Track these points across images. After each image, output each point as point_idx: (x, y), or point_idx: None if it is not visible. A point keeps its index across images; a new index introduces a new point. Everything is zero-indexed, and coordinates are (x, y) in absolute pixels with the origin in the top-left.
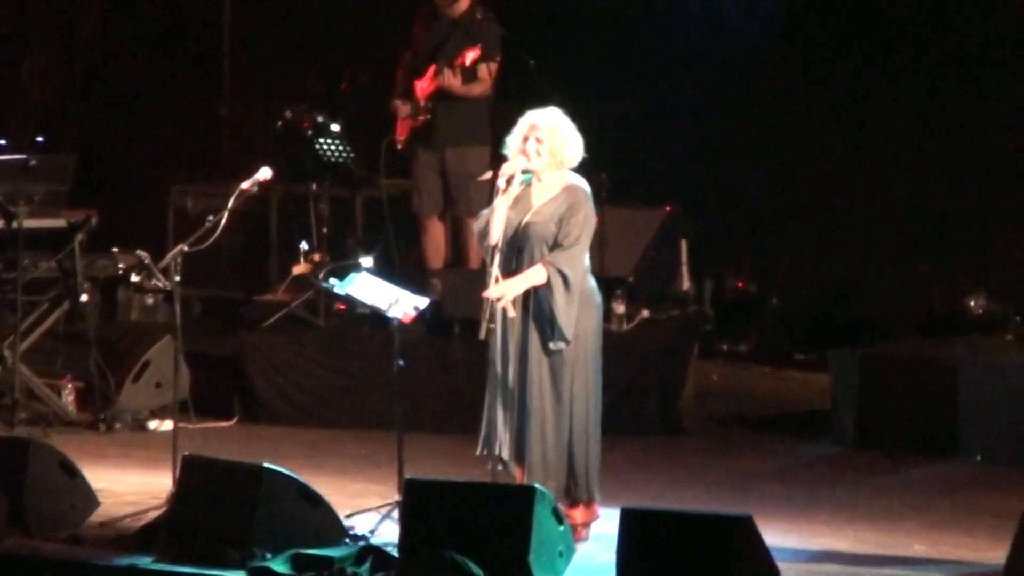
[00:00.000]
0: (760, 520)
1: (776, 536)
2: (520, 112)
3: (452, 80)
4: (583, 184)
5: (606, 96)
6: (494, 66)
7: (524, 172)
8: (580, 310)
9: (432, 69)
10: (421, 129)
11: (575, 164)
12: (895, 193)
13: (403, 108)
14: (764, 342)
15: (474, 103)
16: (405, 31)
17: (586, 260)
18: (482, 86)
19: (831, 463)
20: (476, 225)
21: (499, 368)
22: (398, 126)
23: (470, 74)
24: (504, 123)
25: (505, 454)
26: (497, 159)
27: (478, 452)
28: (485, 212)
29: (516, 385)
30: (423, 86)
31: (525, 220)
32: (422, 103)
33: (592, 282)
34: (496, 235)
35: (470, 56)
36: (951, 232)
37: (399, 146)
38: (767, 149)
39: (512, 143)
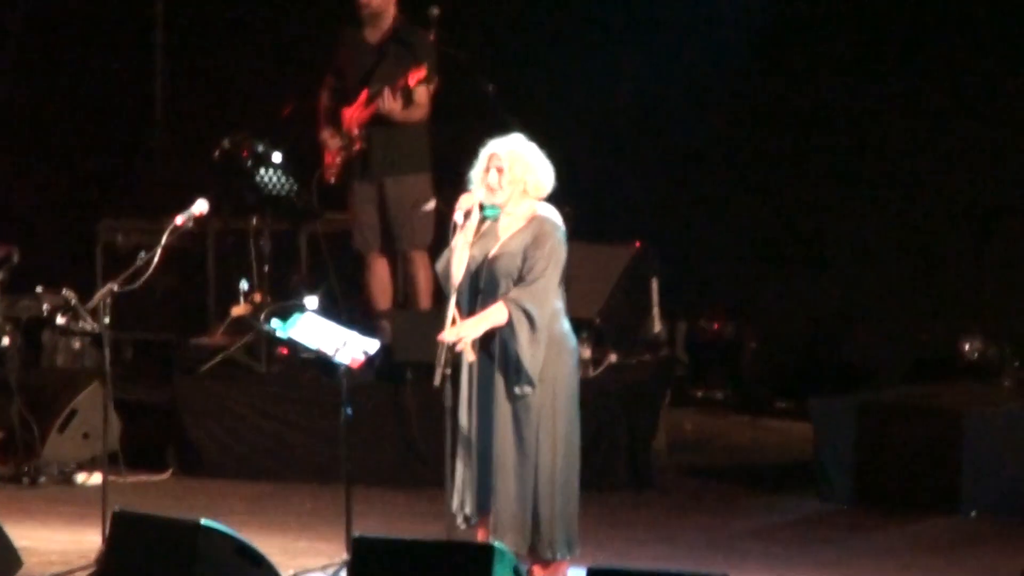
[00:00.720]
0: None
1: None
2: (475, 140)
3: (392, 104)
4: (552, 215)
5: (571, 125)
6: (432, 88)
7: (491, 207)
8: (549, 353)
9: (364, 95)
10: (355, 160)
11: (543, 193)
12: (883, 229)
13: (332, 140)
14: (742, 389)
15: (413, 129)
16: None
17: (558, 302)
18: (422, 110)
19: (814, 519)
20: (438, 265)
21: (462, 416)
22: (327, 157)
23: (410, 97)
24: (452, 150)
25: (468, 509)
26: (442, 188)
27: (454, 507)
28: (446, 252)
29: (477, 434)
30: (353, 113)
31: (490, 254)
32: (354, 132)
33: (565, 324)
34: (458, 276)
35: (414, 77)
36: (943, 270)
37: (331, 179)
38: (746, 182)
39: (475, 176)
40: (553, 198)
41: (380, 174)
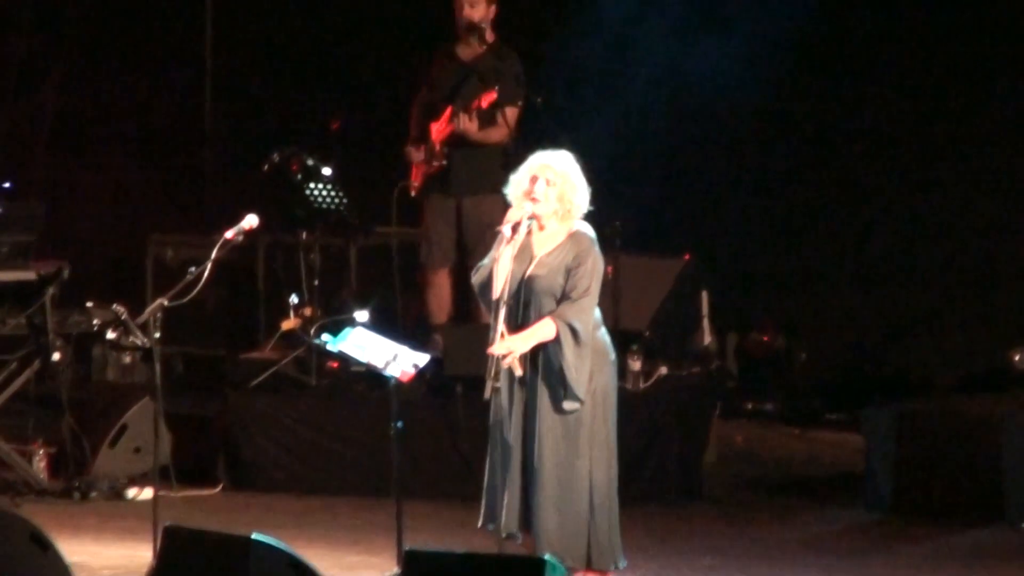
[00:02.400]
0: None
1: None
2: (529, 155)
3: (468, 124)
4: (587, 230)
5: (621, 138)
6: (515, 110)
7: (529, 218)
8: (593, 366)
9: (448, 112)
10: (436, 176)
11: (581, 215)
12: (933, 241)
13: (416, 154)
14: (792, 401)
15: (491, 149)
16: (402, 66)
17: (597, 313)
18: (501, 132)
19: (865, 531)
20: (475, 278)
21: (505, 431)
22: (413, 171)
23: (487, 118)
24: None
25: (512, 525)
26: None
27: (480, 524)
28: (484, 264)
29: (521, 449)
30: (439, 129)
31: (529, 272)
32: (437, 148)
33: (605, 336)
34: (500, 288)
35: (487, 100)
36: (993, 282)
37: (413, 192)
38: (795, 194)
39: (517, 182)
40: (600, 213)
41: (459, 192)
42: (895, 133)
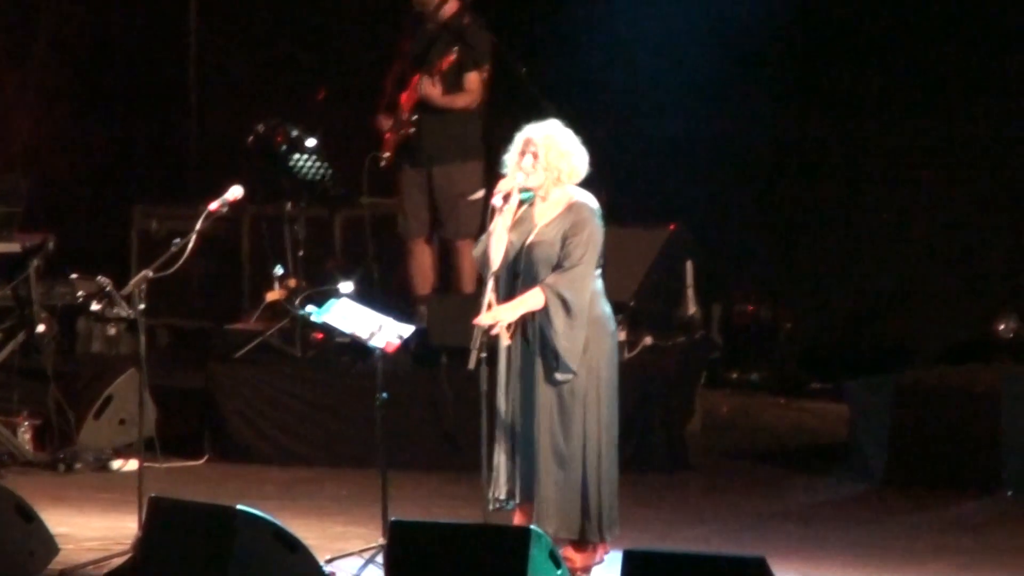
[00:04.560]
0: (774, 562)
1: None
2: (516, 126)
3: (431, 89)
4: (589, 200)
5: (604, 108)
6: (483, 75)
7: (524, 190)
8: (590, 337)
9: (416, 79)
10: (407, 145)
11: (578, 179)
12: (918, 210)
13: (385, 122)
14: (777, 371)
15: (463, 116)
16: (389, 36)
17: (597, 283)
18: (468, 97)
19: (849, 500)
20: (475, 251)
21: (500, 401)
22: (384, 141)
23: (452, 83)
24: (501, 139)
25: (502, 494)
26: (492, 177)
27: (489, 492)
28: (484, 237)
29: (519, 420)
30: (407, 96)
31: (528, 241)
32: (405, 115)
33: (605, 307)
34: (496, 260)
35: (446, 62)
36: (977, 251)
37: (383, 163)
38: (780, 164)
39: (510, 160)
40: (587, 182)
41: (429, 160)
42: (879, 103)
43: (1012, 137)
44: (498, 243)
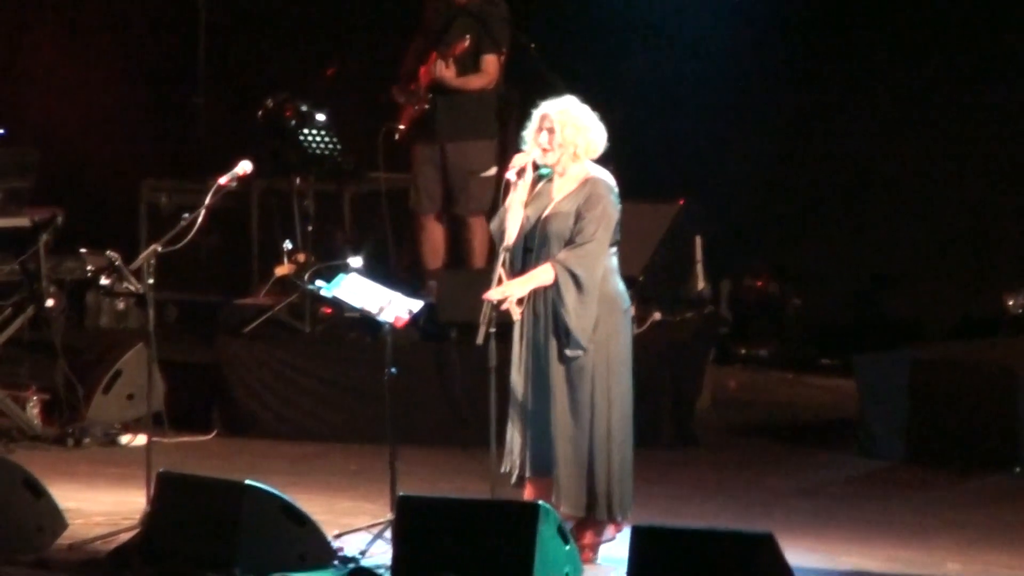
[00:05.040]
0: (782, 538)
1: (799, 555)
2: (526, 102)
3: (445, 72)
4: (606, 177)
5: (614, 83)
6: (497, 58)
7: (542, 166)
8: (602, 313)
9: (433, 56)
10: (421, 120)
11: (594, 155)
12: (927, 186)
13: (400, 94)
14: (786, 346)
15: (477, 95)
16: (398, 12)
17: (611, 261)
18: (484, 79)
19: (858, 476)
20: (492, 225)
21: (513, 376)
22: (400, 113)
23: (467, 65)
24: (515, 116)
25: (507, 465)
26: (505, 155)
27: (503, 467)
28: (501, 211)
29: (530, 394)
30: (425, 72)
31: (544, 216)
32: (421, 91)
33: (618, 284)
34: (512, 235)
35: (459, 48)
36: (987, 226)
37: (398, 136)
38: (789, 138)
39: (528, 136)
40: (600, 157)
41: (442, 138)
42: (891, 77)
43: (1022, 112)
44: (513, 218)
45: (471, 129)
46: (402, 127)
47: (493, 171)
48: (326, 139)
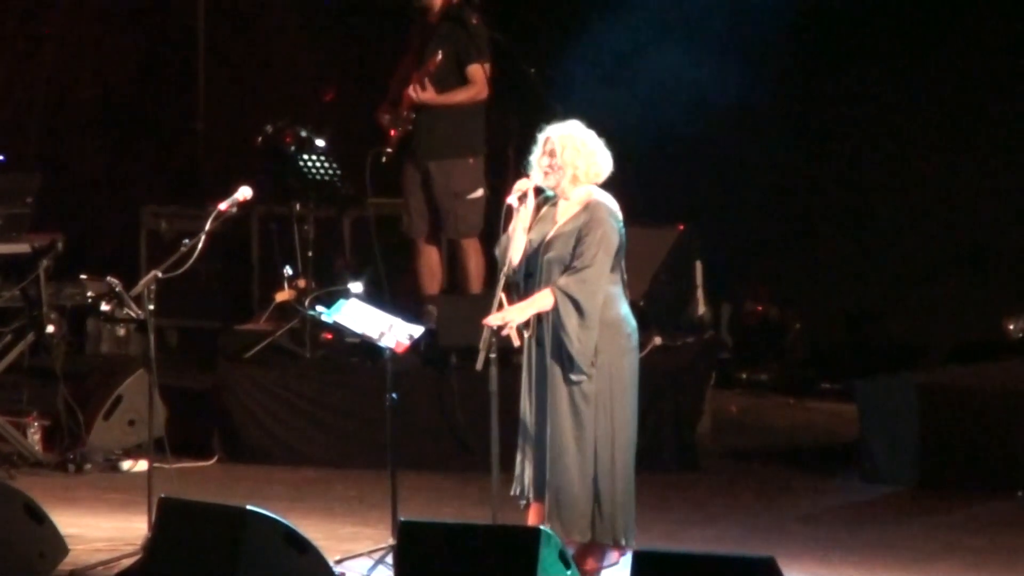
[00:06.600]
0: (783, 562)
1: None
2: (525, 128)
3: (422, 95)
4: (607, 201)
5: (614, 109)
6: (485, 67)
7: (546, 190)
8: (604, 339)
9: (414, 76)
10: (407, 142)
11: (597, 180)
12: (926, 209)
13: (383, 117)
14: (787, 371)
15: (460, 112)
16: (398, 35)
17: (613, 289)
18: (472, 89)
19: (860, 501)
20: (497, 250)
21: (522, 402)
22: (387, 136)
23: (451, 82)
24: (513, 143)
25: (516, 488)
26: (494, 174)
27: (512, 491)
28: (505, 236)
29: (535, 419)
30: (407, 93)
31: (545, 240)
32: (404, 112)
33: (622, 308)
34: (515, 259)
35: (432, 64)
36: (986, 250)
37: (385, 158)
38: (790, 164)
39: (533, 160)
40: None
41: (424, 158)
42: (889, 101)
43: (1022, 134)
44: (516, 244)
45: (454, 147)
46: (389, 151)
47: (480, 192)
48: (326, 165)
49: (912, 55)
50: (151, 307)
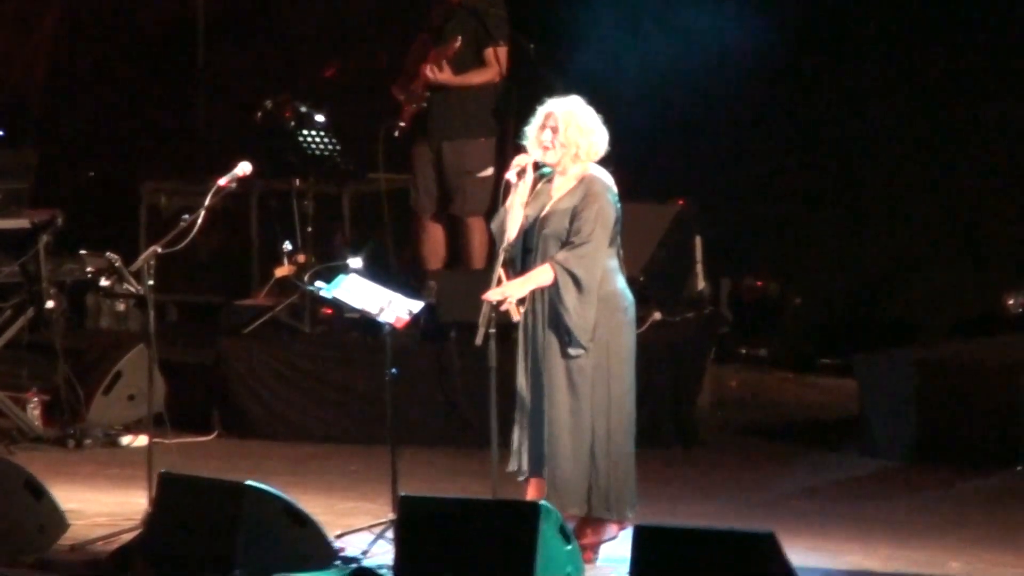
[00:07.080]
0: (783, 537)
1: (801, 554)
2: (524, 103)
3: (439, 75)
4: (603, 176)
5: (613, 83)
6: (502, 50)
7: (543, 166)
8: (601, 314)
9: (431, 55)
10: (420, 119)
11: (596, 158)
12: (926, 185)
13: (398, 93)
14: (786, 346)
15: (475, 92)
16: (398, 12)
17: (610, 262)
18: (489, 72)
19: (859, 475)
20: (493, 225)
21: (518, 376)
22: (401, 110)
23: (468, 64)
24: (512, 117)
25: (514, 464)
26: (504, 154)
27: (509, 468)
28: (502, 211)
29: (531, 393)
30: (423, 69)
31: (542, 215)
32: (421, 90)
33: (619, 283)
34: (512, 235)
35: (450, 48)
36: (986, 225)
37: (397, 133)
38: (789, 138)
39: (530, 133)
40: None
41: (438, 137)
42: (886, 79)
43: (1020, 112)
44: (513, 219)
45: (466, 128)
46: (403, 125)
47: (490, 171)
48: (325, 140)
49: (913, 33)
50: (151, 282)
